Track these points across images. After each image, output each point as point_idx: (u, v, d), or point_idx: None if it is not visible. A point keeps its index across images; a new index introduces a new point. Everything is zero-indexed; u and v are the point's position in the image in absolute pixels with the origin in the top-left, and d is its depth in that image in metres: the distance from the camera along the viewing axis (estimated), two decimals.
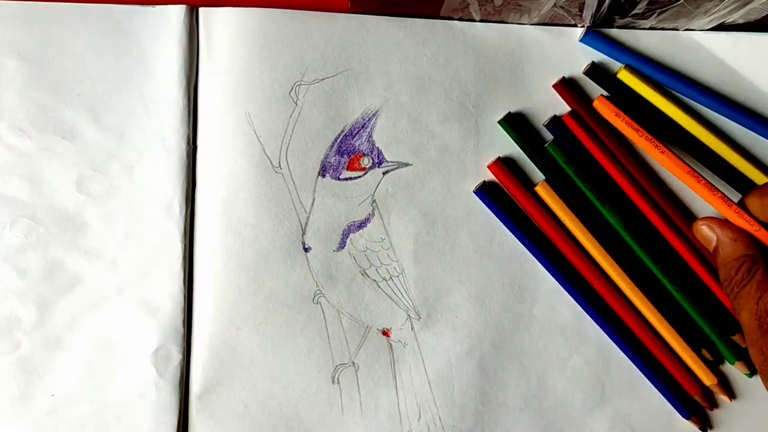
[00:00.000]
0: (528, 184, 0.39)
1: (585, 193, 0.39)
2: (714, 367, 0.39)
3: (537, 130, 0.40)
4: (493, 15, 0.39)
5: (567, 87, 0.39)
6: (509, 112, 0.39)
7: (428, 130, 0.39)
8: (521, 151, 0.39)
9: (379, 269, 0.39)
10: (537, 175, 0.40)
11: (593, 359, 0.39)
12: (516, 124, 0.39)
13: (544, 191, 0.39)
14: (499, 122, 0.39)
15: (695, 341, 0.39)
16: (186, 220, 0.38)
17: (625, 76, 0.39)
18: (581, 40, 0.40)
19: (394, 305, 0.39)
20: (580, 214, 0.39)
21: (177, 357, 0.37)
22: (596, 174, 0.39)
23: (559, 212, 0.39)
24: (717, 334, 0.38)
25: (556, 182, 0.39)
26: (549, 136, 0.39)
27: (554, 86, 0.39)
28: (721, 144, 0.39)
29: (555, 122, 0.39)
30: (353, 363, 0.38)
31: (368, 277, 0.39)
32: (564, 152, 0.39)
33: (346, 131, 0.39)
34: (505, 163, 0.39)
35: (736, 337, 0.38)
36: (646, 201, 0.38)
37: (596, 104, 0.39)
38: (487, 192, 0.39)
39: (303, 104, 0.39)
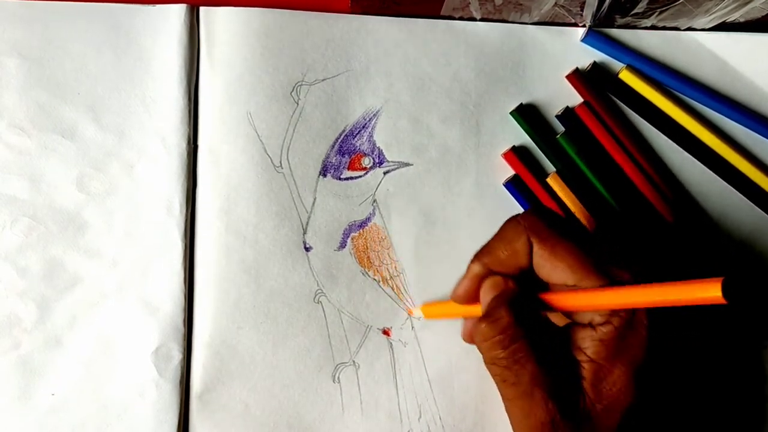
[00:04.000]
0: (538, 177, 0.39)
1: (596, 184, 0.39)
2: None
3: (545, 124, 0.40)
4: (494, 14, 0.39)
5: (581, 78, 0.39)
6: (521, 104, 0.39)
7: (429, 130, 0.39)
8: (524, 148, 0.40)
9: (380, 268, 0.39)
10: (548, 167, 0.40)
11: None
12: (527, 115, 0.39)
13: (555, 183, 0.39)
14: (511, 113, 0.39)
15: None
16: (186, 219, 0.38)
17: (627, 77, 0.39)
18: (583, 40, 0.40)
19: (395, 305, 0.39)
20: (591, 205, 0.39)
21: (177, 356, 0.37)
22: (607, 165, 0.39)
23: (570, 204, 0.39)
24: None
25: (567, 174, 0.39)
26: (555, 131, 0.39)
27: (567, 77, 0.39)
28: (721, 143, 0.39)
29: (567, 113, 0.39)
30: (354, 362, 0.38)
31: (369, 276, 0.39)
32: (575, 144, 0.39)
33: (347, 131, 0.39)
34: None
35: None
36: (657, 193, 0.38)
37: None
38: (515, 185, 0.39)
39: (304, 104, 0.39)
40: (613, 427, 0.28)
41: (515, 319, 0.29)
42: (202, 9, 0.39)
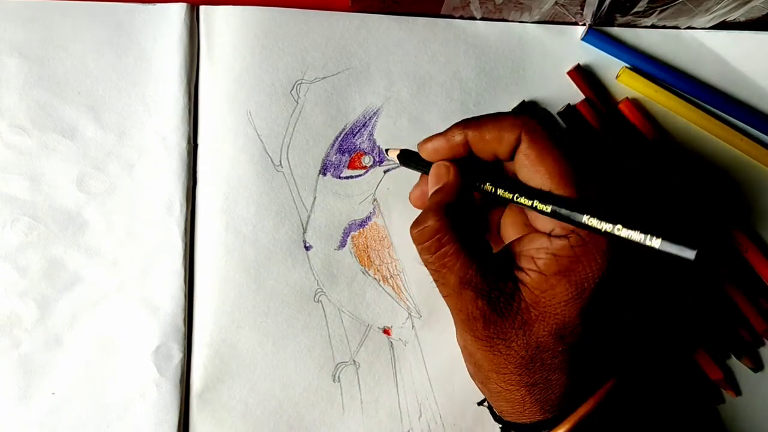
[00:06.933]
0: None
1: None
2: (720, 362, 0.39)
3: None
4: (494, 13, 0.39)
5: (582, 74, 0.39)
6: (523, 101, 0.39)
7: (429, 129, 0.39)
8: None
9: (380, 267, 0.39)
10: None
11: None
12: (527, 114, 0.39)
13: None
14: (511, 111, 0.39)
15: (703, 334, 0.38)
16: (186, 218, 0.38)
17: (628, 76, 0.39)
18: (583, 39, 0.40)
19: (395, 303, 0.39)
20: None
21: (178, 355, 0.37)
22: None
23: None
24: (723, 328, 0.38)
25: None
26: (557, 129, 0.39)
27: (569, 73, 0.39)
28: (723, 135, 0.39)
29: (569, 110, 0.39)
30: (354, 361, 0.38)
31: (369, 275, 0.39)
32: (577, 141, 0.39)
33: (347, 130, 0.39)
34: None
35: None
36: None
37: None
38: None
39: (304, 103, 0.39)
40: (544, 337, 0.29)
41: (448, 221, 0.30)
42: (202, 8, 0.39)
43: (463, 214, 0.31)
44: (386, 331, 0.39)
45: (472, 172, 0.31)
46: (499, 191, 0.30)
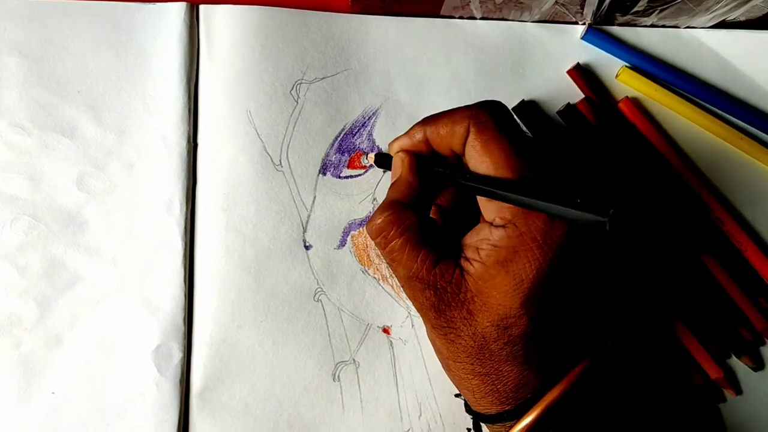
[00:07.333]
0: None
1: None
2: (721, 361, 0.39)
3: (546, 121, 0.40)
4: (494, 12, 0.39)
5: (581, 73, 0.39)
6: (522, 100, 0.39)
7: None
8: None
9: (380, 267, 0.39)
10: None
11: None
12: (528, 112, 0.39)
13: None
14: (512, 110, 0.39)
15: (703, 333, 0.38)
16: (186, 217, 0.38)
17: (627, 74, 0.39)
18: (583, 38, 0.40)
19: (395, 303, 0.39)
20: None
21: (178, 355, 0.37)
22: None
23: None
24: (723, 326, 0.38)
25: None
26: (557, 128, 0.39)
27: (569, 72, 0.39)
28: (724, 135, 0.39)
29: (568, 109, 0.39)
30: (354, 360, 0.38)
31: (368, 274, 0.39)
32: (577, 139, 0.38)
33: (346, 130, 0.39)
34: None
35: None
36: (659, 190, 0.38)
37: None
38: None
39: (304, 102, 0.39)
40: (488, 328, 0.29)
41: (395, 217, 0.31)
42: (201, 7, 0.39)
43: (417, 208, 0.31)
44: (386, 330, 0.39)
45: (432, 167, 0.32)
46: (443, 172, 0.31)
